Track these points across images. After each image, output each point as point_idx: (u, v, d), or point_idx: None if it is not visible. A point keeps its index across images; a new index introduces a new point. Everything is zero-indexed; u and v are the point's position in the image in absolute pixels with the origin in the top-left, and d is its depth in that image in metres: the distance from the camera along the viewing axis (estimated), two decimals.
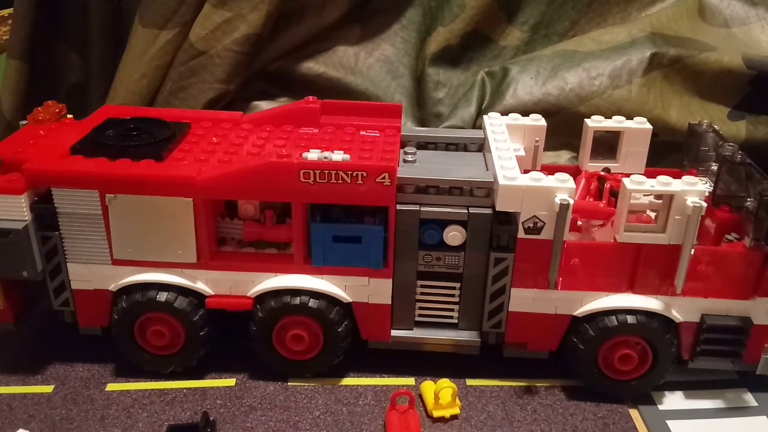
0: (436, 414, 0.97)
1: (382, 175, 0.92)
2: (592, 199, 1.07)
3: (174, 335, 1.01)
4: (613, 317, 0.96)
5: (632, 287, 0.96)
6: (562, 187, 0.90)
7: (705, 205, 0.89)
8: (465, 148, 1.11)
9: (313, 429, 0.95)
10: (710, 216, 0.99)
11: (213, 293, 0.99)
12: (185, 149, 1.01)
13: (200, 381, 1.03)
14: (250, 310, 1.00)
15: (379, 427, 0.96)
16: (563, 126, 1.33)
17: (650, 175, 0.95)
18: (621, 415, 0.99)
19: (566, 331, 1.00)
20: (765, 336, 0.96)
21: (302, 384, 1.03)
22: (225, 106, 1.36)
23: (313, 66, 1.41)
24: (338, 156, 0.94)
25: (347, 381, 1.04)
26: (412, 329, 1.03)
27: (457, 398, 0.98)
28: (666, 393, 1.02)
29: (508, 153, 1.00)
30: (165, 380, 1.03)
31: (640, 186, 0.91)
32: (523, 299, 0.97)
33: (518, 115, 1.13)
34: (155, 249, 0.97)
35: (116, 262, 0.98)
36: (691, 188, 0.89)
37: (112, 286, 0.99)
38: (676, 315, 0.96)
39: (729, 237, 0.98)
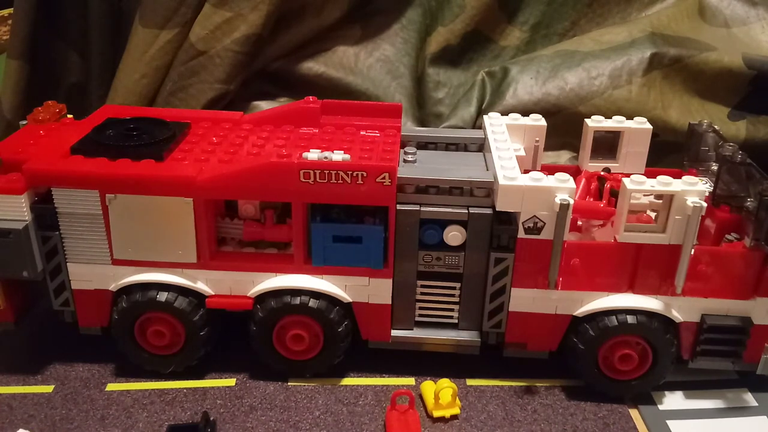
0: (436, 414, 0.97)
1: (382, 175, 0.92)
2: (592, 199, 1.07)
3: (174, 335, 1.01)
4: (613, 317, 0.96)
5: (632, 287, 0.96)
6: (562, 187, 0.90)
7: (705, 205, 0.89)
8: (465, 148, 1.11)
9: (313, 429, 0.95)
10: (710, 216, 0.99)
11: (213, 293, 0.99)
12: (185, 149, 1.01)
13: (200, 381, 1.03)
14: (250, 310, 1.00)
15: (379, 427, 0.96)
16: (563, 126, 1.33)
17: (650, 175, 0.95)
18: (621, 415, 0.99)
19: (566, 331, 1.00)
20: (765, 336, 0.96)
21: (302, 384, 1.03)
22: (225, 106, 1.36)
23: (313, 66, 1.41)
24: (338, 156, 0.94)
25: (347, 381, 1.04)
26: (412, 329, 1.03)
27: (457, 398, 0.98)
28: (666, 393, 1.02)
29: (508, 153, 1.00)
30: (165, 380, 1.03)
31: (640, 186, 0.91)
32: (523, 299, 0.97)
33: (518, 115, 1.13)
34: (155, 249, 0.97)
35: (116, 262, 0.98)
36: (691, 188, 0.90)
37: (113, 286, 0.99)
38: (676, 315, 0.96)
39: (729, 237, 0.98)
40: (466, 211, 0.95)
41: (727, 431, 0.97)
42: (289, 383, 1.03)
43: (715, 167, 1.04)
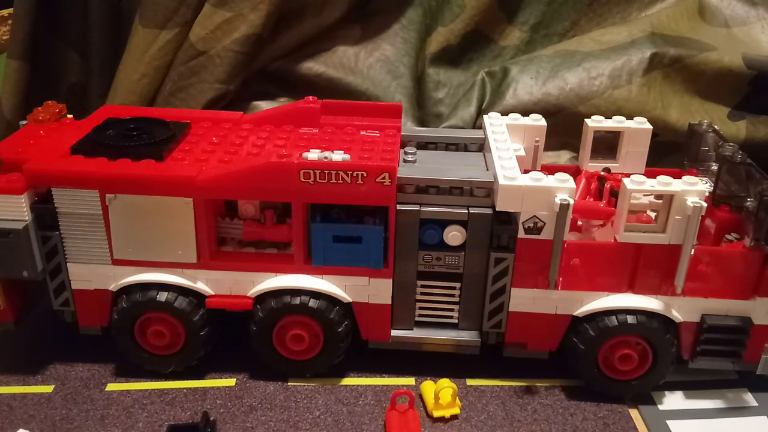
0: (436, 414, 0.97)
1: (382, 175, 0.92)
2: (592, 199, 1.07)
3: (174, 335, 1.01)
4: (613, 317, 0.96)
5: (632, 287, 0.96)
6: (562, 187, 0.90)
7: (705, 205, 0.89)
8: (465, 148, 1.11)
9: (313, 429, 0.95)
10: (710, 216, 0.99)
11: (213, 293, 0.99)
12: (185, 149, 1.01)
13: (200, 381, 1.03)
14: (250, 310, 1.00)
15: (379, 427, 0.96)
16: (563, 126, 1.33)
17: (650, 175, 0.95)
18: (621, 415, 0.99)
19: (566, 331, 1.00)
20: (765, 336, 0.96)
21: (302, 384, 1.03)
22: (225, 106, 1.36)
23: (313, 66, 1.41)
24: (338, 156, 0.94)
25: (347, 381, 1.04)
26: (412, 329, 1.03)
27: (457, 398, 0.98)
28: (666, 393, 1.02)
29: (508, 153, 1.00)
30: (165, 380, 1.03)
31: (640, 186, 0.91)
32: (523, 299, 0.97)
33: (518, 115, 1.13)
34: (155, 249, 0.97)
35: (116, 262, 0.98)
36: (691, 188, 0.90)
37: (113, 286, 0.99)
38: (676, 315, 0.96)
39: (729, 237, 0.98)
40: (466, 211, 0.95)
41: (727, 431, 0.97)
42: (289, 383, 1.03)
43: (715, 167, 1.04)
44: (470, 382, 1.04)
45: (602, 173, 1.10)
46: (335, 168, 0.91)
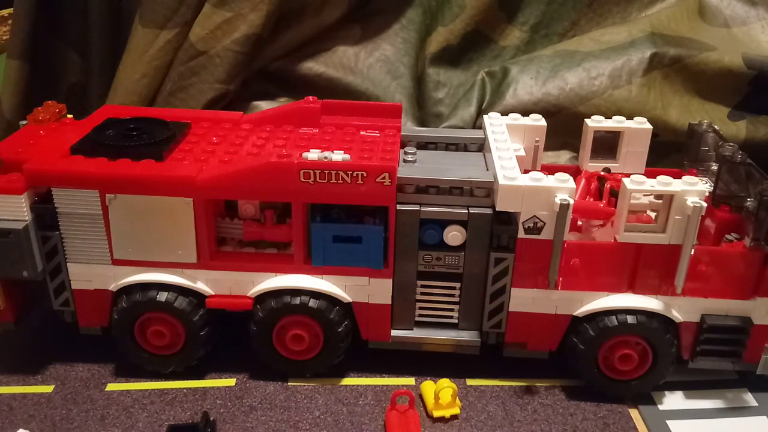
0: (436, 414, 0.97)
1: (382, 175, 0.92)
2: (592, 199, 1.07)
3: (174, 335, 1.01)
4: (613, 317, 0.96)
5: (632, 287, 0.96)
6: (562, 187, 0.90)
7: (705, 205, 0.89)
8: (465, 148, 1.11)
9: (313, 429, 0.95)
10: (710, 216, 0.99)
11: (213, 293, 0.99)
12: (185, 149, 1.01)
13: (200, 381, 1.03)
14: (250, 310, 1.00)
15: (379, 427, 0.96)
16: (563, 126, 1.33)
17: (650, 175, 0.95)
18: (621, 415, 0.99)
19: (566, 331, 1.00)
20: (765, 336, 0.96)
21: (302, 384, 1.03)
22: (225, 106, 1.36)
23: (313, 66, 1.41)
24: (338, 156, 0.94)
25: (347, 381, 1.04)
26: (412, 329, 1.03)
27: (457, 398, 0.98)
28: (666, 393, 1.02)
29: (508, 153, 1.00)
30: (165, 380, 1.03)
31: (640, 186, 0.91)
32: (523, 299, 0.97)
33: (518, 115, 1.13)
34: (155, 249, 0.97)
35: (116, 262, 0.98)
36: (691, 188, 0.90)
37: (113, 286, 0.99)
38: (676, 315, 0.96)
39: (729, 237, 0.98)
40: (466, 211, 0.95)
41: (727, 431, 0.97)
42: (289, 383, 1.03)
43: (715, 167, 1.04)
44: (470, 382, 1.04)
45: (602, 173, 1.10)
46: (335, 168, 0.91)
